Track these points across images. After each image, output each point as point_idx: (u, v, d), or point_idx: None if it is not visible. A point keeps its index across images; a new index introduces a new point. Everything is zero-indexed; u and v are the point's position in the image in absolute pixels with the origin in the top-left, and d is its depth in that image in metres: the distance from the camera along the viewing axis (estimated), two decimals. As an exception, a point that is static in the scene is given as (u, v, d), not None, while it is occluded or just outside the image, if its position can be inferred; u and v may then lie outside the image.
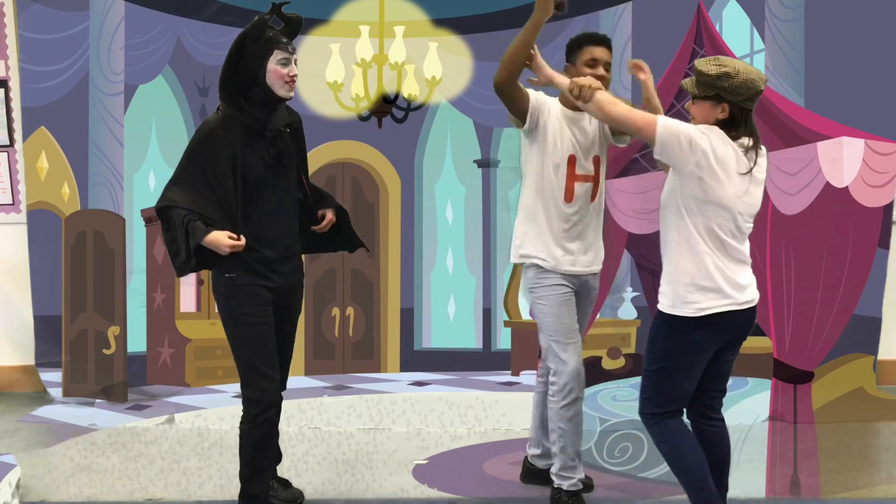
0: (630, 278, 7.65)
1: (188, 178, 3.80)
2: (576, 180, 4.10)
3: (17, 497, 4.41)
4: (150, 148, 7.95)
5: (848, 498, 4.41)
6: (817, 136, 5.51)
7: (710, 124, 3.44)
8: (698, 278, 3.45)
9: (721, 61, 3.42)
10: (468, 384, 7.13)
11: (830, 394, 5.75)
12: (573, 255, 4.15)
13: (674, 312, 3.51)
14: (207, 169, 3.78)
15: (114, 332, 6.49)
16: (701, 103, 3.46)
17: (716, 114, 3.43)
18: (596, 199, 4.18)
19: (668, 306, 3.54)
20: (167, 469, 4.87)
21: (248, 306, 3.82)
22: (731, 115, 3.43)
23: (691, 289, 3.47)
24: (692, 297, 3.47)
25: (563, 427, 4.11)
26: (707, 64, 3.42)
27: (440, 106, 8.00)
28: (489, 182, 8.60)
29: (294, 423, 5.75)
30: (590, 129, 4.16)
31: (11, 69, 6.94)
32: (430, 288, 8.54)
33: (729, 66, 3.40)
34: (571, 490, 4.16)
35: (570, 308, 4.16)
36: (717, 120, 3.44)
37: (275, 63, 3.84)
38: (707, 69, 3.40)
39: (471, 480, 4.68)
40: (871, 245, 5.70)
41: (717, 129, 3.44)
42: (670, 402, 3.58)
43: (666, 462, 3.66)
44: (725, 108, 3.42)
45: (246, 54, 3.82)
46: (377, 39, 6.65)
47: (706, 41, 5.81)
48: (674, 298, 3.51)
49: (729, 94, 3.39)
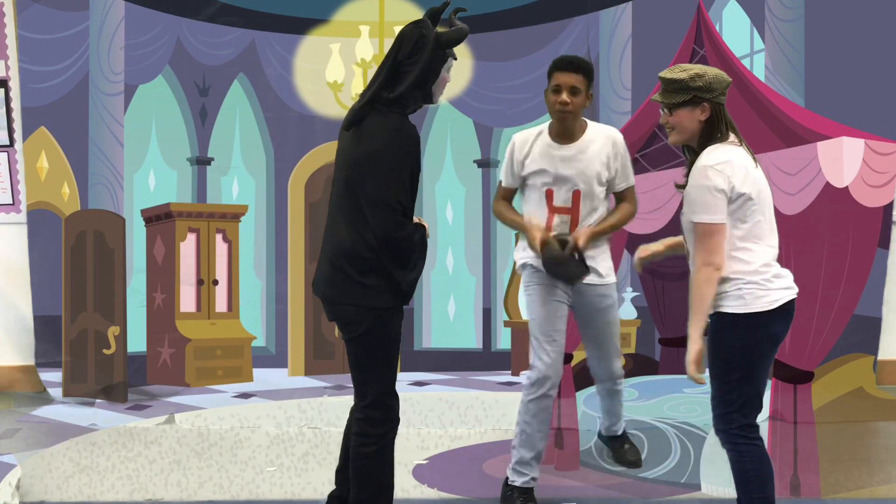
0: (630, 278, 7.66)
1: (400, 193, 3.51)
2: (555, 212, 4.16)
3: (17, 497, 4.41)
4: (150, 148, 7.96)
5: (848, 498, 4.41)
6: (817, 136, 5.50)
7: (695, 129, 3.45)
8: (764, 271, 3.41)
9: (684, 67, 3.48)
10: (468, 384, 7.13)
11: (830, 394, 5.74)
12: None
13: (748, 310, 3.38)
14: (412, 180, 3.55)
15: (114, 332, 6.49)
16: (680, 111, 3.46)
17: (697, 116, 3.44)
18: (578, 227, 4.14)
19: (739, 306, 3.38)
20: (167, 469, 4.87)
21: (399, 327, 3.73)
22: (712, 114, 3.44)
23: (761, 282, 3.40)
24: (762, 290, 3.39)
25: (528, 421, 4.17)
26: (673, 72, 3.46)
27: (440, 106, 8.00)
28: (489, 182, 8.60)
29: (294, 423, 5.75)
30: (575, 165, 4.15)
31: (11, 69, 6.93)
32: (430, 288, 8.54)
33: (696, 68, 3.46)
34: (524, 487, 4.19)
35: (556, 310, 4.18)
36: (700, 123, 3.44)
37: (445, 71, 3.67)
38: (677, 76, 3.44)
39: (471, 480, 4.67)
40: (871, 245, 5.69)
41: (715, 154, 3.40)
42: (755, 409, 3.43)
43: (740, 486, 3.44)
44: (706, 108, 3.44)
45: (436, 59, 3.62)
46: (377, 39, 6.65)
47: (706, 41, 5.80)
48: (743, 297, 3.39)
49: (706, 92, 3.42)
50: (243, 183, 8.62)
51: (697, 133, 3.46)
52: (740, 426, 3.39)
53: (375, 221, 3.46)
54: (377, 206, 3.45)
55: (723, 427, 3.42)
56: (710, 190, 3.36)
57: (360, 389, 3.69)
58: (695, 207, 3.39)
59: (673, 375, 6.30)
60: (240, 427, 5.64)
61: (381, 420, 3.70)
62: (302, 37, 7.99)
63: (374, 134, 3.47)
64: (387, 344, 3.69)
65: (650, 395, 5.81)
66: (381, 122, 3.48)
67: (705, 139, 3.46)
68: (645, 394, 5.85)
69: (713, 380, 3.44)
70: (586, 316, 4.27)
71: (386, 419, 3.72)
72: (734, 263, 3.39)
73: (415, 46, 3.55)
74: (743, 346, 3.38)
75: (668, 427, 5.32)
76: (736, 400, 3.39)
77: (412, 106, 3.59)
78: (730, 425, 3.40)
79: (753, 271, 3.38)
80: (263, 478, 4.77)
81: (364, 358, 3.66)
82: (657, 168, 6.02)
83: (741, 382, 3.38)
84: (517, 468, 4.22)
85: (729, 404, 3.39)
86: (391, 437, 3.75)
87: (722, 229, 3.37)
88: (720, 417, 3.42)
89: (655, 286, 6.90)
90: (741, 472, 3.43)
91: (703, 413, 5.46)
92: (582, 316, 4.29)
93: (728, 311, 3.39)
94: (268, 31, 8.30)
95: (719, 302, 3.41)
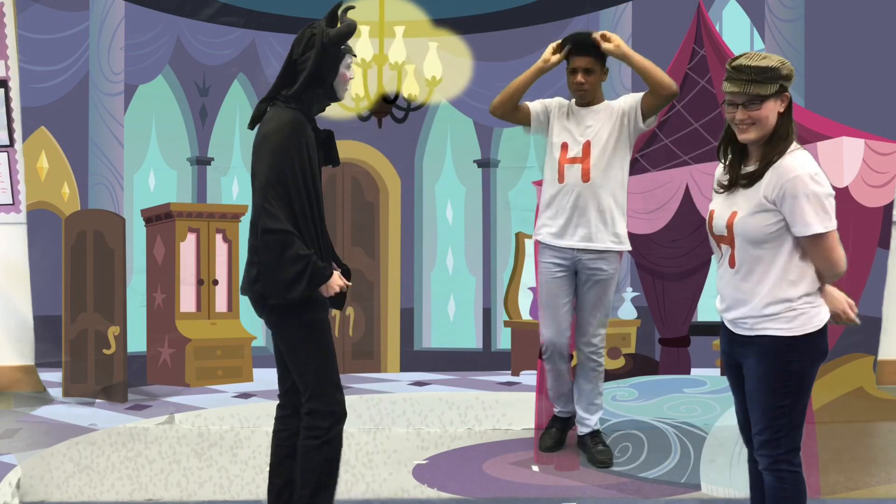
0: (630, 278, 7.66)
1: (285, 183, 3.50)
2: (566, 162, 4.66)
3: (17, 497, 4.41)
4: (150, 148, 7.96)
5: (848, 498, 4.41)
6: (817, 136, 5.50)
7: (773, 124, 3.14)
8: (812, 290, 3.19)
9: (762, 54, 3.18)
10: (468, 384, 7.13)
11: (830, 394, 5.74)
12: (561, 229, 4.68)
13: (803, 332, 3.15)
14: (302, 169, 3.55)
15: (114, 332, 6.49)
16: (769, 103, 3.13)
17: (777, 108, 3.15)
18: (590, 181, 4.62)
19: (793, 328, 3.16)
20: (167, 469, 4.87)
21: (322, 313, 3.66)
22: (788, 106, 3.16)
23: (810, 301, 3.18)
24: (815, 308, 3.18)
25: (547, 376, 4.96)
26: (755, 59, 3.13)
27: (440, 106, 8.01)
28: (489, 182, 8.61)
29: (294, 423, 5.74)
30: (587, 121, 4.68)
31: (11, 69, 6.93)
32: (430, 288, 8.54)
33: (773, 56, 3.18)
34: (559, 415, 5.05)
35: (558, 286, 4.75)
36: (778, 115, 3.15)
37: (345, 67, 3.73)
38: (768, 63, 3.12)
39: (471, 480, 4.67)
40: (871, 245, 5.69)
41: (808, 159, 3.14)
42: (801, 433, 3.27)
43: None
44: (786, 98, 3.16)
45: (327, 56, 3.65)
46: (377, 39, 6.65)
47: (706, 41, 5.80)
48: (798, 317, 3.16)
49: (789, 81, 3.15)
50: (243, 183, 8.62)
51: (772, 129, 3.15)
52: (788, 450, 3.21)
53: (254, 205, 3.53)
54: (256, 190, 3.51)
55: (768, 452, 3.22)
56: (828, 196, 3.09)
57: (299, 383, 3.68)
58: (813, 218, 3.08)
59: (673, 375, 6.31)
60: (240, 427, 5.64)
61: (322, 413, 3.65)
62: (301, 37, 8.00)
63: (267, 123, 3.59)
64: (304, 337, 3.62)
65: (650, 395, 5.81)
66: (277, 114, 3.58)
67: (780, 136, 3.15)
68: (645, 394, 5.85)
69: (758, 406, 3.23)
70: (584, 279, 4.74)
71: (329, 412, 3.66)
72: (792, 286, 3.16)
73: (306, 45, 3.63)
74: (800, 369, 3.18)
75: (668, 427, 5.32)
76: (785, 425, 3.20)
77: (316, 104, 3.68)
78: (777, 451, 3.21)
79: (807, 292, 3.17)
80: (263, 478, 4.76)
81: (288, 351, 3.64)
82: (657, 168, 6.02)
83: (792, 407, 3.19)
84: (554, 403, 5.05)
85: (778, 430, 3.20)
86: (336, 432, 3.67)
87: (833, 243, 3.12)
88: (766, 444, 3.22)
89: (655, 286, 6.91)
90: (779, 499, 3.25)
91: (703, 413, 5.46)
92: (581, 279, 4.75)
93: (784, 333, 3.15)
94: (268, 31, 8.31)
95: (768, 325, 3.17)
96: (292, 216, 3.48)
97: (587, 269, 4.71)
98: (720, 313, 3.34)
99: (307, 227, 3.53)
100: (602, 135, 4.64)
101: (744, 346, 3.25)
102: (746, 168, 3.21)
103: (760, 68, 3.09)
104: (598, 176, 4.62)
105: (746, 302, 3.21)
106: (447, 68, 7.08)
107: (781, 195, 3.09)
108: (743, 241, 3.19)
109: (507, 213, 8.52)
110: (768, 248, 3.17)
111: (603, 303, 4.79)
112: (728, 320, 3.31)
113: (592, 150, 4.63)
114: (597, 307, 4.78)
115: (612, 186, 4.65)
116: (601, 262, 4.69)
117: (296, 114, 3.59)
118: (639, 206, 5.80)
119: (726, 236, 3.23)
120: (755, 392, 3.22)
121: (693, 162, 5.89)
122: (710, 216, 3.31)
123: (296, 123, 3.55)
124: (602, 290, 4.75)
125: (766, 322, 3.17)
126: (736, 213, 3.19)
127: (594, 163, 4.62)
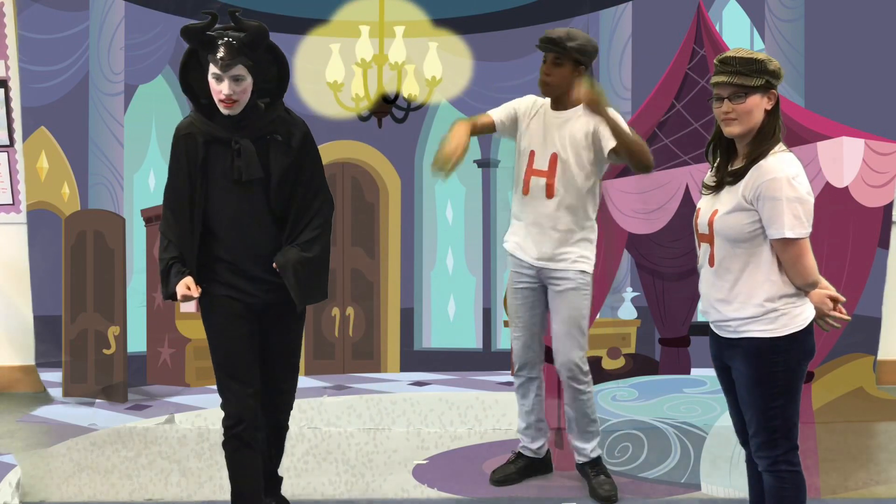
0: (630, 278, 7.66)
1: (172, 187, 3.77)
2: (532, 174, 4.38)
3: (17, 497, 4.41)
4: (150, 148, 7.94)
5: (848, 498, 4.41)
6: (817, 136, 5.50)
7: (759, 121, 3.14)
8: (792, 290, 3.18)
9: (747, 50, 3.18)
10: (468, 384, 7.13)
11: (830, 394, 5.75)
12: (524, 240, 4.45)
13: (787, 332, 3.16)
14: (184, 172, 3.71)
15: (114, 332, 6.49)
16: (753, 97, 3.12)
17: (764, 105, 3.14)
18: (555, 197, 4.32)
19: (776, 329, 3.16)
20: (167, 469, 4.87)
21: (215, 316, 3.73)
22: (775, 104, 3.16)
23: (795, 301, 3.18)
24: (798, 308, 3.18)
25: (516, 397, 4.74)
26: (745, 53, 3.13)
27: (440, 106, 7.99)
28: (489, 182, 8.60)
29: (294, 423, 5.74)
30: (558, 129, 4.36)
31: (11, 69, 6.94)
32: (430, 288, 8.54)
33: (761, 53, 3.18)
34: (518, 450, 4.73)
35: (524, 297, 4.50)
36: (765, 113, 3.14)
37: (211, 77, 3.56)
38: (754, 56, 3.12)
39: (471, 480, 4.68)
40: (871, 245, 5.70)
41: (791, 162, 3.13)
42: (797, 430, 3.27)
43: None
44: (773, 95, 3.15)
45: (187, 67, 3.66)
46: (377, 39, 6.65)
47: (706, 41, 5.81)
48: (779, 318, 3.16)
49: (776, 78, 3.14)
50: (243, 183, 8.61)
51: (758, 126, 3.15)
52: (786, 451, 3.22)
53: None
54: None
55: (767, 454, 3.23)
56: (804, 202, 3.08)
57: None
58: (784, 222, 3.07)
59: (673, 375, 6.31)
60: (240, 427, 5.63)
61: (224, 413, 3.77)
62: (302, 37, 7.98)
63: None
64: (208, 334, 3.77)
65: (650, 395, 5.82)
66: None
67: (765, 134, 3.15)
68: (645, 394, 5.85)
69: (750, 409, 3.23)
70: (550, 292, 4.46)
71: (224, 413, 3.75)
72: (773, 287, 3.15)
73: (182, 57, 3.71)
74: (787, 370, 3.17)
75: (668, 427, 5.33)
76: (781, 426, 3.20)
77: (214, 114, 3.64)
78: (775, 451, 3.22)
79: (787, 293, 3.17)
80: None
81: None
82: (657, 168, 6.02)
83: (785, 407, 3.19)
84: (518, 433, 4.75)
85: (774, 431, 3.21)
86: (233, 432, 3.69)
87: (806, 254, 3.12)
88: (764, 445, 3.23)
89: (655, 286, 6.91)
90: (779, 499, 3.26)
91: (703, 413, 5.47)
92: (549, 294, 4.48)
93: (768, 335, 3.15)
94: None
95: (751, 327, 3.17)
96: (173, 220, 3.73)
97: (551, 280, 4.42)
98: (704, 316, 3.35)
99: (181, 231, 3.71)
100: (569, 149, 4.32)
101: (730, 348, 3.26)
102: (733, 167, 3.21)
103: (746, 59, 3.11)
104: (563, 192, 4.32)
105: (727, 302, 3.21)
106: (447, 68, 7.07)
107: (758, 196, 3.09)
108: (722, 240, 3.19)
109: (507, 213, 8.48)
110: (746, 248, 3.16)
111: (576, 318, 4.38)
112: (712, 322, 3.32)
113: (559, 165, 4.32)
114: (569, 324, 4.38)
115: (578, 204, 4.33)
116: (567, 272, 4.39)
117: (184, 120, 3.75)
118: (639, 206, 5.80)
119: (707, 234, 3.24)
120: (746, 395, 3.23)
121: (693, 162, 5.89)
122: (696, 214, 3.33)
123: (177, 129, 3.74)
124: (572, 303, 4.38)
125: (749, 324, 3.18)
126: (717, 210, 3.20)
127: (559, 177, 4.31)
